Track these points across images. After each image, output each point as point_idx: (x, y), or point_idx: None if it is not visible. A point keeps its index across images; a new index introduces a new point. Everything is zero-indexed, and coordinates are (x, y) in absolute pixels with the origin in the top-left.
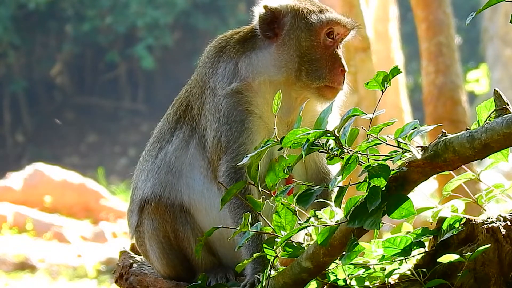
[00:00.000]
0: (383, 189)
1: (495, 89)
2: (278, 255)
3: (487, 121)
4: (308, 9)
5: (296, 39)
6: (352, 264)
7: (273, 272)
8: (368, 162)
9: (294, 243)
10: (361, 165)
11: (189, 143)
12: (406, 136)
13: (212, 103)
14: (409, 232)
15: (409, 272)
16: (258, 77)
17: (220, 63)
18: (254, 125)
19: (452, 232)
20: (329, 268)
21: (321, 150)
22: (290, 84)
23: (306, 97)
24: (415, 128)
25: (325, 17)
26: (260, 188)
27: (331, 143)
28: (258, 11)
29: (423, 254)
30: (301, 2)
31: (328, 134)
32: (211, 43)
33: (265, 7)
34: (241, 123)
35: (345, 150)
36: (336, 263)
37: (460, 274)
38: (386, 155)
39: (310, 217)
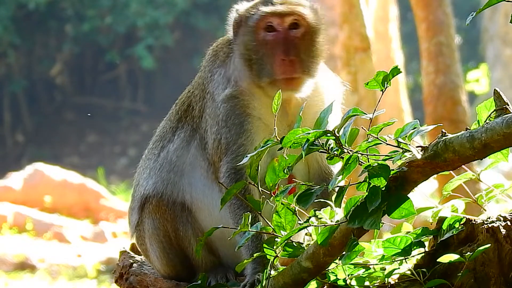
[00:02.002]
0: (383, 189)
1: (495, 89)
2: (278, 255)
3: (487, 121)
4: (250, 10)
5: (243, 44)
6: (352, 264)
7: (273, 272)
8: (368, 162)
9: (294, 243)
10: (361, 165)
11: (190, 143)
12: (406, 136)
13: (212, 108)
14: (409, 232)
15: (409, 272)
16: (246, 80)
17: (216, 68)
18: (253, 126)
19: (452, 232)
20: (329, 268)
21: (321, 150)
22: None
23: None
24: (415, 128)
25: (256, 15)
26: (260, 188)
27: (331, 143)
28: (231, 16)
29: (423, 254)
30: (254, 3)
31: (328, 134)
32: (211, 45)
33: (237, 11)
34: (239, 125)
35: (345, 150)
36: (336, 263)
37: (460, 274)
38: (386, 155)
39: (310, 217)
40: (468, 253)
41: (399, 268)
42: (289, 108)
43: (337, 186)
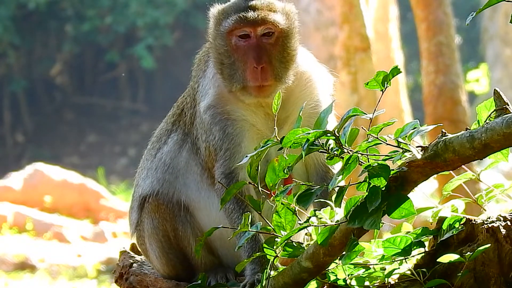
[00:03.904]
0: (383, 189)
1: (495, 89)
2: (278, 255)
3: (487, 121)
4: (223, 14)
5: (215, 48)
6: (352, 264)
7: (273, 272)
8: (368, 162)
9: (294, 243)
10: (361, 165)
11: (182, 146)
12: (406, 136)
13: (200, 117)
14: (409, 232)
15: (409, 272)
16: (219, 87)
17: (200, 78)
18: (235, 129)
19: (452, 232)
20: (329, 268)
21: (321, 150)
22: None
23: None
24: (415, 128)
25: (229, 22)
26: (260, 188)
27: (331, 143)
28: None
29: (423, 254)
30: (228, 6)
31: (328, 134)
32: (198, 53)
33: (212, 12)
34: (222, 131)
35: (345, 150)
36: (336, 263)
37: (460, 274)
38: (386, 155)
39: (310, 217)
40: (468, 253)
41: (399, 268)
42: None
43: (337, 186)
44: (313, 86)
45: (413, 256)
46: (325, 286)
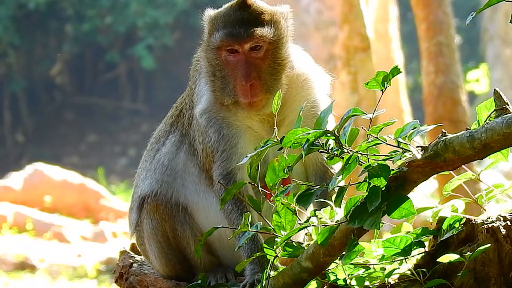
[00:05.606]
0: (383, 189)
1: (495, 89)
2: (278, 255)
3: (487, 121)
4: (213, 25)
5: (207, 59)
6: (352, 264)
7: (273, 272)
8: (368, 162)
9: (294, 243)
10: (361, 165)
11: (179, 148)
12: (406, 136)
13: (196, 120)
14: (409, 232)
15: (409, 272)
16: (213, 92)
17: (197, 80)
18: (231, 131)
19: (452, 232)
20: (329, 268)
21: (321, 150)
22: None
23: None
24: (415, 128)
25: (217, 36)
26: (259, 188)
27: (331, 143)
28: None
29: (423, 254)
30: (219, 16)
31: (328, 134)
32: (196, 53)
33: (206, 15)
34: (217, 133)
35: (345, 150)
36: (336, 263)
37: (460, 274)
38: (386, 155)
39: (310, 217)
40: (468, 253)
41: (399, 268)
42: (268, 108)
43: (337, 186)
44: (309, 87)
45: (413, 256)
46: (325, 286)
